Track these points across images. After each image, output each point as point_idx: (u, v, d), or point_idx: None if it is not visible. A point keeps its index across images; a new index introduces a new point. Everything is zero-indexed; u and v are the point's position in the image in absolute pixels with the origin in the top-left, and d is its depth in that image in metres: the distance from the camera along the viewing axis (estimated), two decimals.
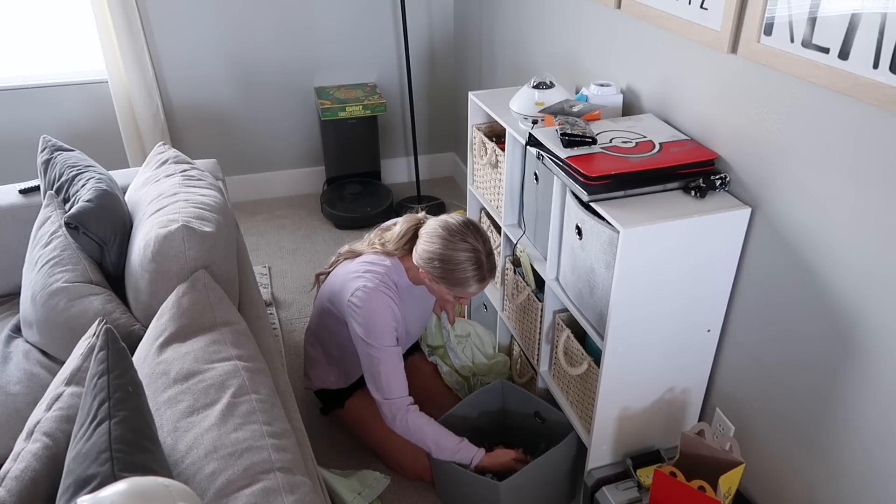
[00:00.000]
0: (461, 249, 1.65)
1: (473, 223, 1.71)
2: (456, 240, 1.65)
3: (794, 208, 1.36)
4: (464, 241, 1.65)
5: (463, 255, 1.64)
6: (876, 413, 1.26)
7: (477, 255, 1.65)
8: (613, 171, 1.44)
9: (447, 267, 1.66)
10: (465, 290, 1.68)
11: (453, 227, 1.68)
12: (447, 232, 1.67)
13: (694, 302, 1.54)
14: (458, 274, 1.66)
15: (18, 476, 1.03)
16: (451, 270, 1.65)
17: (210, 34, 3.10)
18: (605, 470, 1.69)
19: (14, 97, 3.00)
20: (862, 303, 1.24)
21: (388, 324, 1.73)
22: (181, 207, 1.52)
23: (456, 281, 1.67)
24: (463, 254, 1.64)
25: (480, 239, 1.67)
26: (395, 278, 1.79)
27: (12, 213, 1.96)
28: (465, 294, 1.71)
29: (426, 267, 1.70)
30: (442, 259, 1.66)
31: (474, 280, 1.67)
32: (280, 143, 3.47)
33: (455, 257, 1.64)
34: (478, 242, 1.66)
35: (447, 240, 1.66)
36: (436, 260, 1.67)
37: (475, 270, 1.65)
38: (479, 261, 1.65)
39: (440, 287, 1.72)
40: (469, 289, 1.68)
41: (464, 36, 3.27)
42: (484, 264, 1.66)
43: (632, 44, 1.82)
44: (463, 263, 1.64)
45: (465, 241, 1.65)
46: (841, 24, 1.16)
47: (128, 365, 1.04)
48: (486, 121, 2.19)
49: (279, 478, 1.02)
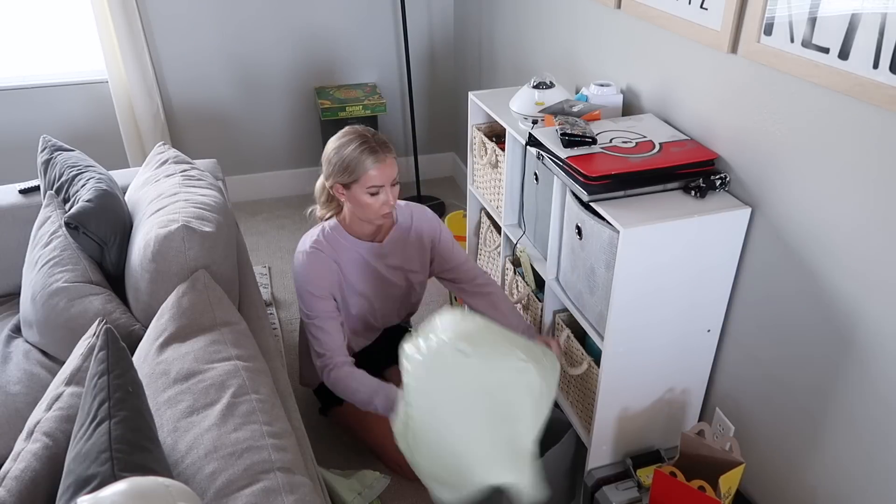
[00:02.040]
0: (343, 136, 1.75)
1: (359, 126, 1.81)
2: (339, 136, 1.77)
3: (794, 208, 1.36)
4: (345, 132, 1.76)
5: (347, 139, 1.74)
6: (876, 413, 1.26)
7: (359, 134, 1.73)
8: (613, 171, 1.44)
9: (340, 158, 1.73)
10: (367, 173, 1.71)
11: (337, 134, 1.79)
12: (333, 138, 1.78)
13: (694, 302, 1.54)
14: (350, 158, 1.71)
15: (18, 476, 1.03)
16: (344, 160, 1.72)
17: (210, 34, 3.10)
18: (605, 470, 1.69)
19: (14, 97, 3.00)
20: (862, 303, 1.24)
21: (321, 277, 1.81)
22: (181, 207, 1.52)
23: (353, 167, 1.71)
24: (347, 138, 1.74)
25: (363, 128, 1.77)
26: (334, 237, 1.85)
27: (12, 213, 1.96)
28: (371, 179, 1.71)
29: (332, 178, 1.77)
30: (334, 155, 1.74)
31: (366, 154, 1.70)
32: (280, 143, 3.47)
33: (341, 145, 1.73)
34: (359, 129, 1.76)
35: (333, 141, 1.77)
36: (332, 161, 1.75)
37: (363, 145, 1.70)
38: (364, 136, 1.72)
39: (353, 193, 1.75)
40: (367, 167, 1.70)
41: (464, 36, 3.27)
42: (370, 139, 1.72)
43: (632, 44, 1.82)
44: (350, 146, 1.71)
45: (346, 132, 1.76)
46: (841, 24, 1.16)
47: (128, 365, 1.04)
48: (486, 121, 2.19)
49: (279, 478, 1.02)
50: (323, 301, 1.81)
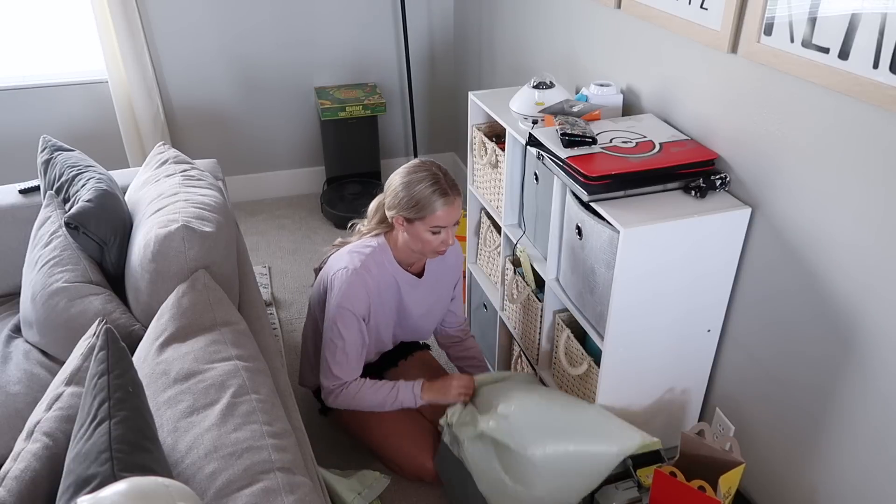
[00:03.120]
0: (415, 172, 1.72)
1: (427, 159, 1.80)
2: (410, 169, 1.74)
3: (794, 208, 1.36)
4: (416, 168, 1.74)
5: (419, 175, 1.71)
6: (875, 413, 1.26)
7: (432, 173, 1.71)
8: (613, 171, 1.44)
9: (409, 194, 1.70)
10: (434, 213, 1.69)
11: (407, 166, 1.76)
12: (402, 170, 1.76)
13: (694, 302, 1.54)
14: (420, 196, 1.69)
15: (18, 476, 1.03)
16: (413, 196, 1.69)
17: (210, 34, 3.10)
18: None
19: (14, 97, 3.00)
20: (862, 303, 1.24)
21: (361, 301, 1.78)
22: (181, 207, 1.52)
23: (421, 206, 1.69)
24: (419, 174, 1.71)
25: (434, 164, 1.75)
26: (381, 258, 1.82)
27: (12, 213, 1.96)
28: (437, 220, 1.70)
29: (396, 209, 1.73)
30: (403, 190, 1.71)
31: (437, 196, 1.68)
32: (280, 143, 3.47)
33: (412, 181, 1.70)
34: (432, 165, 1.74)
35: (402, 174, 1.74)
36: (399, 194, 1.72)
37: (434, 185, 1.69)
38: (436, 176, 1.70)
39: (415, 228, 1.73)
40: (435, 208, 1.69)
41: (464, 36, 3.27)
42: (441, 180, 1.70)
43: (632, 44, 1.82)
44: (421, 183, 1.69)
45: (417, 167, 1.74)
46: (841, 24, 1.16)
47: (128, 365, 1.04)
48: (486, 121, 2.19)
49: (279, 478, 1.02)
50: (357, 323, 1.79)
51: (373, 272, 1.79)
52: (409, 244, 1.78)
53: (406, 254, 1.83)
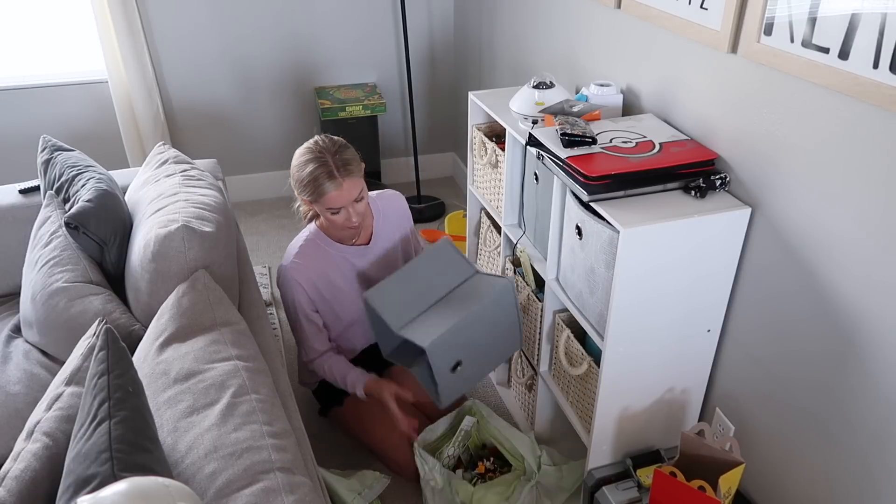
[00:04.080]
0: (303, 156, 1.72)
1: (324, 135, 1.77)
2: (300, 152, 1.74)
3: (794, 208, 1.36)
4: (305, 151, 1.73)
5: (305, 159, 1.71)
6: (876, 413, 1.26)
7: (317, 156, 1.70)
8: (613, 171, 1.44)
9: (299, 179, 1.71)
10: (325, 195, 1.69)
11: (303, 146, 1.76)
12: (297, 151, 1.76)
13: (694, 302, 1.54)
14: (308, 180, 1.69)
15: (18, 476, 1.03)
16: (302, 180, 1.71)
17: (210, 34, 3.10)
18: (605, 470, 1.69)
19: (14, 97, 3.00)
20: (862, 303, 1.24)
21: (299, 294, 1.85)
22: (181, 207, 1.52)
23: (311, 189, 1.70)
24: (306, 157, 1.71)
25: (325, 144, 1.72)
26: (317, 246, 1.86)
27: (12, 213, 1.96)
28: (329, 202, 1.71)
29: (297, 192, 1.76)
30: (295, 173, 1.72)
31: (323, 178, 1.68)
32: (280, 144, 3.47)
33: (301, 165, 1.71)
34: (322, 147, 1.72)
35: (295, 157, 1.75)
36: (294, 178, 1.74)
37: (320, 168, 1.68)
38: (322, 159, 1.69)
39: (319, 209, 1.75)
40: (325, 191, 1.69)
41: (464, 36, 3.27)
42: (329, 162, 1.68)
43: (632, 44, 1.82)
44: (308, 167, 1.70)
45: (306, 150, 1.73)
46: (841, 24, 1.16)
47: (128, 365, 1.05)
48: (486, 121, 2.19)
49: (279, 478, 1.02)
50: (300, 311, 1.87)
51: (307, 262, 1.84)
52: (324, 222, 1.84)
53: (336, 230, 1.86)
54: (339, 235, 1.88)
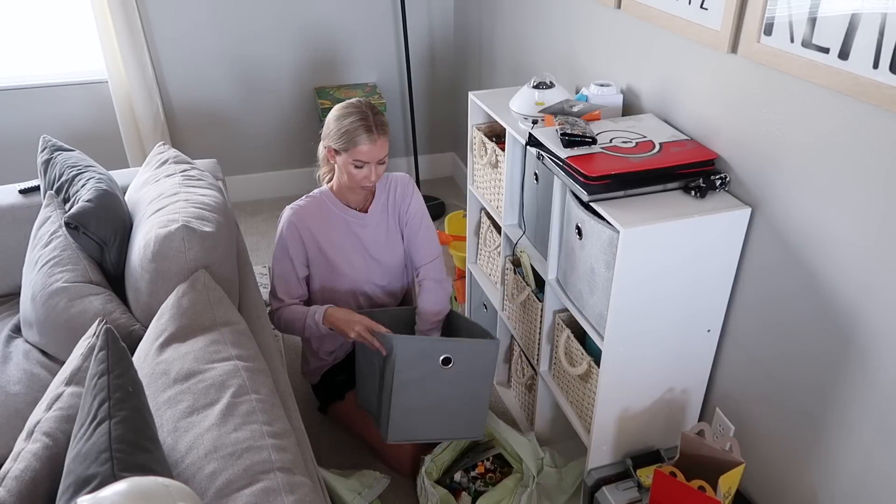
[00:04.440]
0: (347, 107, 1.84)
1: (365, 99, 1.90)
2: (344, 104, 1.86)
3: (794, 208, 1.36)
4: (349, 104, 1.85)
5: (349, 110, 1.82)
6: (875, 413, 1.26)
7: (361, 111, 1.81)
8: (613, 171, 1.44)
9: (338, 127, 1.81)
10: (357, 147, 1.79)
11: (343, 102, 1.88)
12: (339, 104, 1.87)
13: (694, 302, 1.54)
14: (346, 129, 1.79)
15: (18, 476, 1.03)
16: (341, 128, 1.81)
17: (210, 34, 3.10)
18: (605, 470, 1.69)
19: (14, 97, 3.00)
20: (862, 302, 1.24)
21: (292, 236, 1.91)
22: (181, 207, 1.52)
23: (346, 138, 1.79)
24: (349, 109, 1.83)
25: (366, 103, 1.85)
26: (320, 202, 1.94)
27: (12, 213, 1.96)
28: (359, 154, 1.80)
29: (326, 140, 1.87)
30: (334, 122, 1.83)
31: (361, 131, 1.78)
32: (280, 143, 3.47)
33: (343, 115, 1.82)
34: (364, 105, 1.84)
35: (337, 108, 1.86)
36: (330, 125, 1.84)
37: (361, 121, 1.79)
38: (364, 114, 1.80)
39: (341, 159, 1.84)
40: (358, 143, 1.79)
41: (464, 36, 3.27)
42: (370, 118, 1.80)
43: (632, 44, 1.82)
44: (349, 118, 1.80)
45: (351, 104, 1.85)
46: (841, 24, 1.16)
47: (128, 365, 1.04)
48: (486, 121, 2.19)
49: (279, 478, 1.02)
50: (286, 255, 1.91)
51: (310, 211, 1.92)
52: (340, 179, 1.90)
53: (345, 192, 1.94)
54: (348, 197, 1.94)
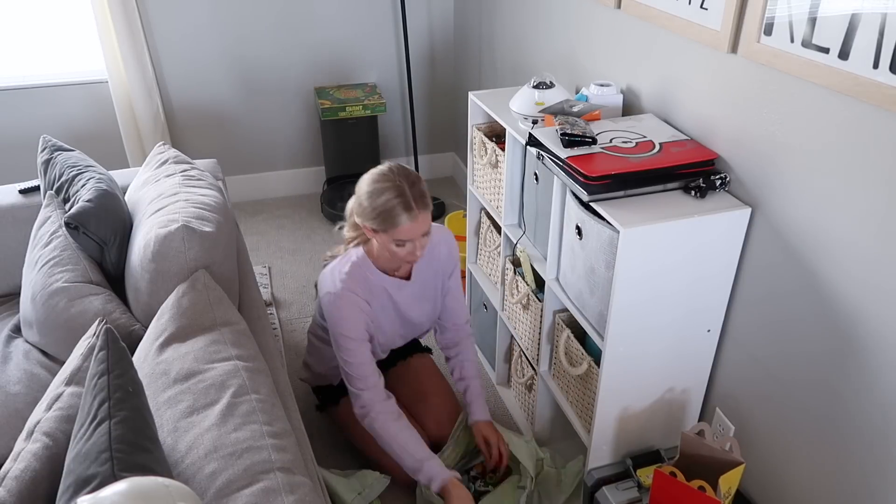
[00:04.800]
0: (380, 182, 1.64)
1: (397, 165, 1.71)
2: (375, 178, 1.66)
3: (794, 208, 1.36)
4: (382, 177, 1.65)
5: (383, 185, 1.63)
6: (876, 412, 1.26)
7: (396, 184, 1.62)
8: (613, 171, 1.44)
9: (372, 205, 1.63)
10: (397, 227, 1.62)
11: (374, 171, 1.69)
12: (369, 177, 1.68)
13: (694, 302, 1.54)
14: (383, 209, 1.62)
15: (18, 476, 1.03)
16: (376, 208, 1.63)
17: (210, 34, 3.10)
18: (605, 470, 1.69)
19: (14, 97, 3.00)
20: (862, 302, 1.24)
21: (356, 321, 1.75)
22: (181, 207, 1.52)
23: (384, 218, 1.62)
24: (383, 184, 1.63)
25: (402, 173, 1.66)
26: (362, 273, 1.77)
27: (12, 213, 1.96)
28: (400, 234, 1.63)
29: (362, 218, 1.68)
30: (367, 200, 1.64)
31: (400, 209, 1.61)
32: (280, 143, 3.47)
33: (376, 191, 1.63)
34: (398, 176, 1.65)
35: (368, 182, 1.67)
36: (363, 204, 1.66)
37: (398, 198, 1.61)
38: (400, 188, 1.61)
39: (380, 238, 1.67)
40: (399, 222, 1.61)
41: (464, 36, 3.27)
42: (406, 192, 1.61)
43: (632, 44, 1.82)
44: (384, 195, 1.62)
45: (383, 176, 1.65)
46: (841, 24, 1.16)
47: (128, 365, 1.05)
48: (486, 121, 2.19)
49: (279, 478, 1.02)
50: (360, 345, 1.75)
51: (359, 288, 1.75)
52: (381, 251, 1.74)
53: (385, 260, 1.78)
54: (387, 266, 1.80)
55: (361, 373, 1.76)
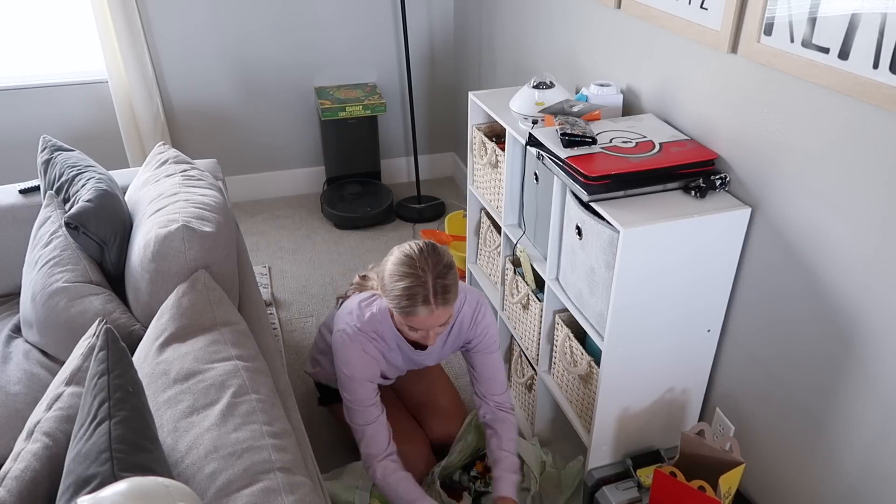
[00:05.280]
0: (406, 265, 1.56)
1: (431, 246, 1.60)
2: (403, 259, 1.58)
3: (794, 208, 1.36)
4: (409, 261, 1.57)
5: (407, 271, 1.55)
6: (876, 412, 1.26)
7: (419, 276, 1.54)
8: (613, 171, 1.44)
9: (392, 287, 1.56)
10: (414, 316, 1.56)
11: (405, 250, 1.60)
12: (399, 254, 1.60)
13: (694, 302, 1.54)
14: (402, 295, 1.55)
15: (18, 476, 1.03)
16: (395, 290, 1.56)
17: (210, 34, 3.10)
18: (605, 470, 1.69)
19: (14, 97, 3.00)
20: (862, 302, 1.24)
21: (363, 365, 1.70)
22: (181, 207, 1.52)
23: (403, 304, 1.56)
24: (407, 270, 1.55)
25: (431, 261, 1.57)
26: (379, 326, 1.72)
27: (12, 213, 1.96)
28: (414, 322, 1.58)
29: (381, 292, 1.62)
30: (389, 279, 1.58)
31: (419, 301, 1.54)
32: (280, 143, 3.47)
33: (399, 275, 1.56)
34: (426, 263, 1.56)
35: (395, 261, 1.59)
36: (385, 280, 1.59)
37: (419, 288, 1.53)
38: (423, 279, 1.54)
39: (398, 318, 1.62)
40: (415, 312, 1.55)
41: (464, 36, 3.27)
42: (428, 284, 1.53)
43: (632, 44, 1.82)
44: (406, 280, 1.55)
45: (410, 262, 1.57)
46: (841, 24, 1.16)
47: (128, 365, 1.05)
48: (486, 121, 2.19)
49: (279, 478, 1.02)
50: (362, 385, 1.70)
51: (372, 334, 1.71)
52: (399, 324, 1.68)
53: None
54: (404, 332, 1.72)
55: (363, 412, 1.71)
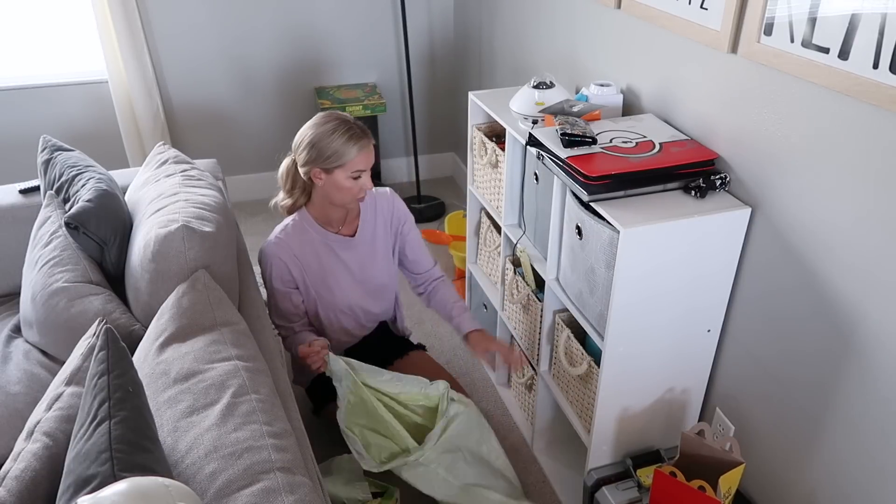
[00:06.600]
0: (325, 123, 1.74)
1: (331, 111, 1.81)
2: (318, 122, 1.76)
3: (795, 208, 1.36)
4: (325, 119, 1.75)
5: (330, 125, 1.73)
6: (876, 412, 1.26)
7: (342, 120, 1.73)
8: (613, 171, 1.44)
9: (321, 145, 1.73)
10: (350, 158, 1.72)
11: (311, 121, 1.79)
12: (310, 125, 1.78)
13: (694, 302, 1.54)
14: (333, 144, 1.71)
15: (18, 476, 1.03)
16: (327, 146, 1.72)
17: (210, 34, 3.10)
18: (605, 470, 1.69)
19: (14, 97, 3.00)
20: (862, 302, 1.24)
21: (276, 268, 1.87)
22: (181, 207, 1.52)
23: (339, 154, 1.72)
24: (329, 125, 1.73)
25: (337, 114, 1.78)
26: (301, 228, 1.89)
27: (12, 213, 1.96)
28: (356, 164, 1.74)
29: (309, 163, 1.76)
30: (314, 142, 1.74)
31: (352, 141, 1.72)
32: (280, 144, 3.47)
33: (325, 132, 1.73)
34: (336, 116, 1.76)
35: (312, 128, 1.76)
36: (311, 147, 1.74)
37: (347, 132, 1.72)
38: (347, 123, 1.73)
39: (334, 177, 1.76)
40: (350, 153, 1.72)
41: (464, 36, 3.27)
42: (353, 125, 1.73)
43: (632, 44, 1.82)
44: (335, 133, 1.72)
45: (325, 119, 1.76)
46: (841, 24, 1.16)
47: (128, 365, 1.05)
48: (486, 121, 2.19)
49: (279, 478, 1.02)
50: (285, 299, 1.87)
51: (291, 240, 1.87)
52: (329, 198, 1.82)
53: (327, 213, 1.88)
54: (331, 220, 1.89)
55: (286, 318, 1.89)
